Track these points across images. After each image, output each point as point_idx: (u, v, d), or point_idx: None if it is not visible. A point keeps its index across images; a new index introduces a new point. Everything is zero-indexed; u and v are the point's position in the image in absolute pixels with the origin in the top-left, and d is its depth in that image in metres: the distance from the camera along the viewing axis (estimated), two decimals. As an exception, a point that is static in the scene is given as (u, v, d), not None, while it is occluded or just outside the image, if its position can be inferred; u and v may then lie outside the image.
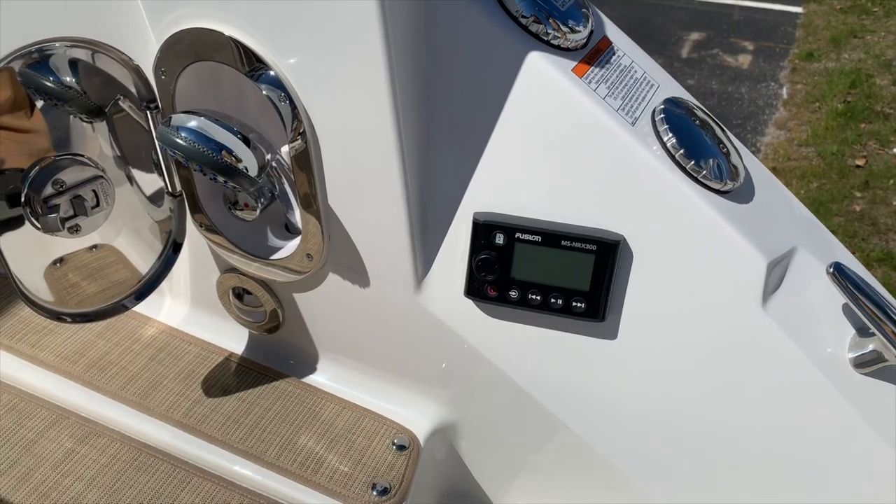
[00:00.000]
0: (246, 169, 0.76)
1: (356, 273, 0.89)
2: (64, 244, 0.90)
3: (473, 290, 0.84)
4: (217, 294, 1.03)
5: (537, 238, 0.79)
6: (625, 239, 0.78)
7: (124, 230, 0.94)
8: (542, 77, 0.75)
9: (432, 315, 0.87)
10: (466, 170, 0.81)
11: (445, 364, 0.92)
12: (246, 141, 0.76)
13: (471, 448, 1.00)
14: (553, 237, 0.78)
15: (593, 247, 0.77)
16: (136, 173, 0.93)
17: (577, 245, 0.78)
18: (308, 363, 1.03)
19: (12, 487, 0.86)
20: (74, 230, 0.83)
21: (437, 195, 0.83)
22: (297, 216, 0.93)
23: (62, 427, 0.94)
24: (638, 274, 0.79)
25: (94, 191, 0.84)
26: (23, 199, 0.79)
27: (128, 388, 0.99)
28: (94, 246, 0.92)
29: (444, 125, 0.80)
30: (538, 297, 0.81)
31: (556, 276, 0.80)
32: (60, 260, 0.90)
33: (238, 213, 0.90)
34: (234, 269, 0.98)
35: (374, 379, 0.99)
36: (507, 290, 0.82)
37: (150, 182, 0.93)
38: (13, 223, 0.83)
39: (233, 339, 1.06)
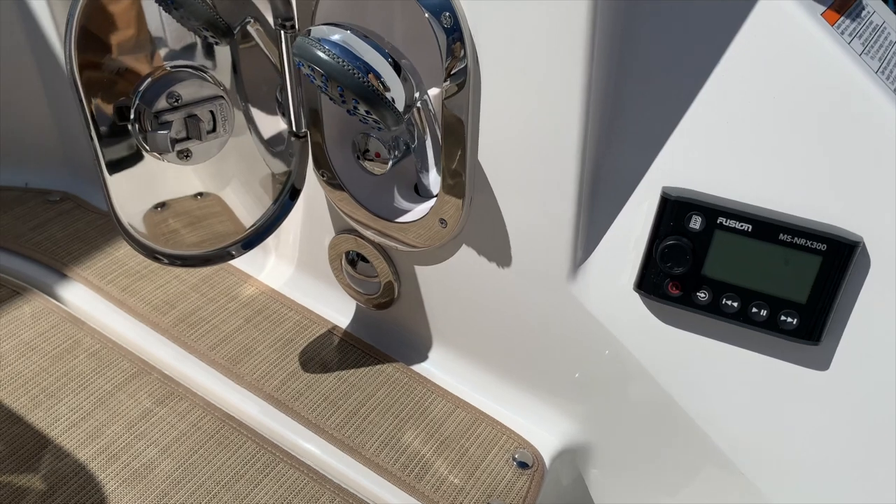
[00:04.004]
0: (393, 100, 0.62)
1: (497, 248, 0.74)
2: (169, 188, 0.80)
3: (648, 284, 0.67)
4: (328, 258, 0.91)
5: (746, 227, 0.61)
6: (864, 241, 0.59)
7: (234, 181, 0.84)
8: (782, 18, 0.58)
9: (585, 310, 0.71)
10: (659, 133, 0.65)
11: (591, 372, 0.76)
12: (397, 68, 0.63)
13: (602, 478, 0.83)
14: (769, 228, 0.61)
15: (822, 246, 0.59)
16: (256, 116, 0.82)
17: (801, 242, 0.60)
18: (420, 349, 0.89)
19: (81, 442, 0.76)
20: (185, 156, 0.72)
21: (616, 161, 0.67)
22: (431, 177, 0.80)
23: (142, 382, 0.83)
24: (875, 289, 0.60)
25: (211, 112, 0.72)
26: (132, 114, 0.69)
27: (217, 350, 0.87)
28: (200, 194, 0.83)
29: (640, 75, 0.65)
30: (735, 304, 0.63)
31: (765, 279, 0.62)
32: (162, 204, 0.80)
33: (367, 163, 0.77)
34: (351, 231, 0.85)
35: (497, 379, 0.84)
36: (694, 290, 0.64)
37: (269, 128, 0.82)
38: (128, 160, 0.74)
39: (338, 310, 0.94)
